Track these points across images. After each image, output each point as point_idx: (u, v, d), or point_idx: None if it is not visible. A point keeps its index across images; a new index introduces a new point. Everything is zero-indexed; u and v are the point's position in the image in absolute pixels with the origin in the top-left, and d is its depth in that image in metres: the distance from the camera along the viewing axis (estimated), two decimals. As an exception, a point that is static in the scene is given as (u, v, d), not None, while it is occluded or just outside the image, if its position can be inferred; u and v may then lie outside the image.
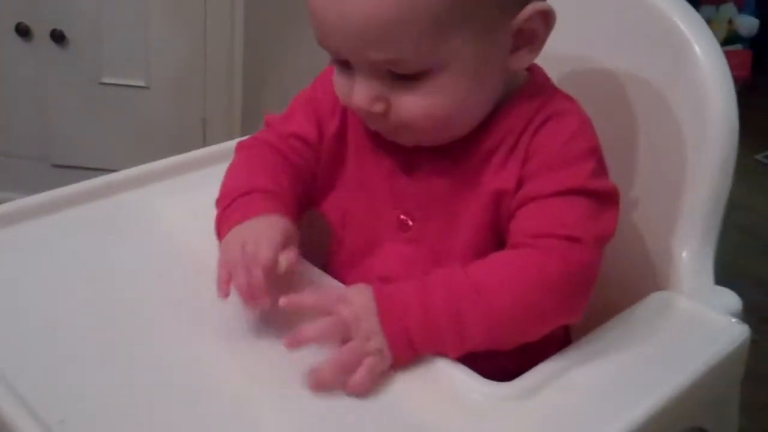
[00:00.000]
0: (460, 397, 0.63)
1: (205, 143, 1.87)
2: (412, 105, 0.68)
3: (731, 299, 0.75)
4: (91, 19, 1.75)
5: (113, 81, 1.81)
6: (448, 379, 0.64)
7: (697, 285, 0.77)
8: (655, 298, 0.75)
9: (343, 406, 0.62)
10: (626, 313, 0.72)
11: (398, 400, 0.63)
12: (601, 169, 0.72)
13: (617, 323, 0.71)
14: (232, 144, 0.90)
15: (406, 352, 0.65)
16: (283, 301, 0.66)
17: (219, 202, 0.76)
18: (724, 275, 0.79)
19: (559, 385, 0.64)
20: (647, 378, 0.66)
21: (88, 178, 0.82)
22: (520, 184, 0.71)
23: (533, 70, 0.76)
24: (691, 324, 0.72)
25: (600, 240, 0.69)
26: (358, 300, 0.65)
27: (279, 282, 0.67)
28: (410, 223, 0.76)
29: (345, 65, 0.70)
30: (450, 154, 0.74)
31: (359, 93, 0.69)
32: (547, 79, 0.77)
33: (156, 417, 0.59)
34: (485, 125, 0.73)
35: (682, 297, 0.75)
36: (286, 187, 0.76)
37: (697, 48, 0.79)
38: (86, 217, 0.80)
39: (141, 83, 1.81)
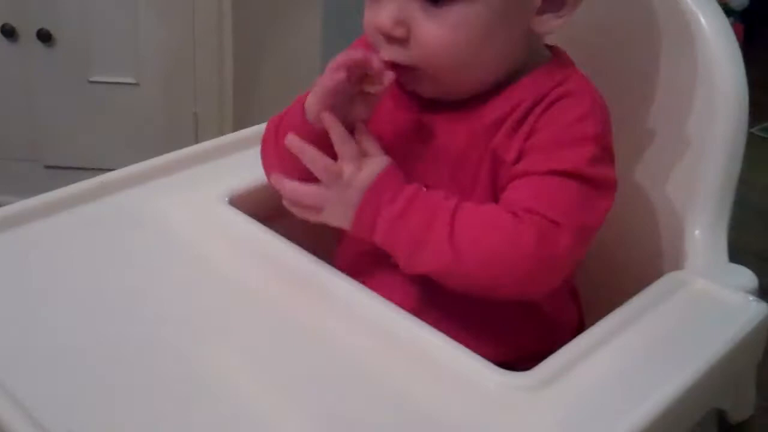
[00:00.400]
0: (472, 386, 0.61)
1: (197, 138, 1.85)
2: (433, 33, 0.68)
3: (747, 277, 0.74)
4: (78, 17, 1.72)
5: (102, 79, 1.78)
6: (460, 367, 0.62)
7: (712, 263, 0.76)
8: (670, 279, 0.73)
9: (350, 394, 0.60)
10: (641, 296, 0.70)
11: (408, 388, 0.61)
12: (603, 157, 0.70)
13: (632, 306, 0.69)
14: (227, 139, 0.89)
15: (364, 235, 0.69)
16: (327, 116, 0.69)
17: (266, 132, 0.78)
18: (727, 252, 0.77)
19: (575, 373, 0.62)
20: (666, 363, 0.64)
21: (81, 178, 0.80)
22: (519, 157, 0.70)
23: (557, 51, 0.75)
24: (708, 304, 0.70)
25: (582, 230, 0.67)
26: (364, 171, 0.68)
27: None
28: (423, 188, 0.73)
29: None
30: (463, 118, 0.73)
31: (384, 13, 0.69)
32: (570, 60, 0.75)
33: (163, 424, 0.58)
34: (500, 92, 0.72)
35: (698, 277, 0.73)
36: None
37: (703, 20, 0.78)
38: (82, 219, 0.77)
39: (131, 80, 1.79)
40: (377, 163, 0.69)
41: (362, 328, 0.66)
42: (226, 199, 0.78)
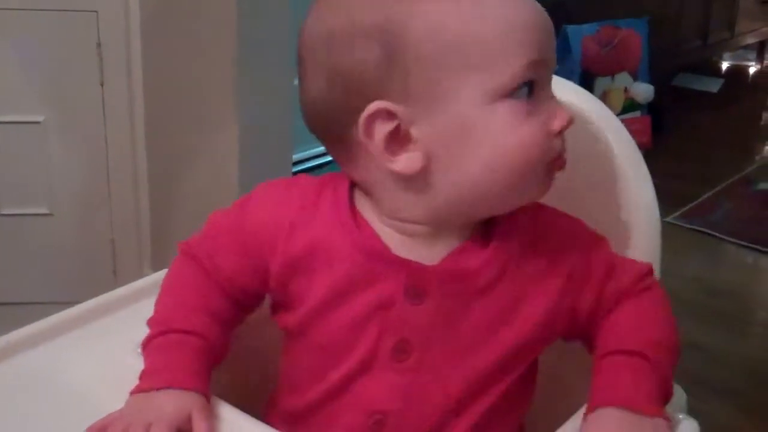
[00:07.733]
0: None
1: (115, 265, 1.81)
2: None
3: (676, 392, 0.73)
4: (-14, 150, 1.69)
5: (13, 211, 1.74)
6: None
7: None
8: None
9: None
10: (575, 418, 0.68)
11: None
12: None
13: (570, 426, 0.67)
14: (143, 283, 0.85)
15: None
16: None
17: (149, 324, 0.70)
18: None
19: None
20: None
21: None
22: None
23: None
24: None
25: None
26: None
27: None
28: (410, 351, 0.67)
29: (529, 94, 0.65)
30: (462, 274, 0.67)
31: (564, 111, 0.66)
32: None
33: None
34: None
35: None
36: (216, 308, 0.71)
37: (616, 149, 0.81)
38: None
39: (44, 210, 1.75)
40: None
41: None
42: (139, 350, 0.75)
